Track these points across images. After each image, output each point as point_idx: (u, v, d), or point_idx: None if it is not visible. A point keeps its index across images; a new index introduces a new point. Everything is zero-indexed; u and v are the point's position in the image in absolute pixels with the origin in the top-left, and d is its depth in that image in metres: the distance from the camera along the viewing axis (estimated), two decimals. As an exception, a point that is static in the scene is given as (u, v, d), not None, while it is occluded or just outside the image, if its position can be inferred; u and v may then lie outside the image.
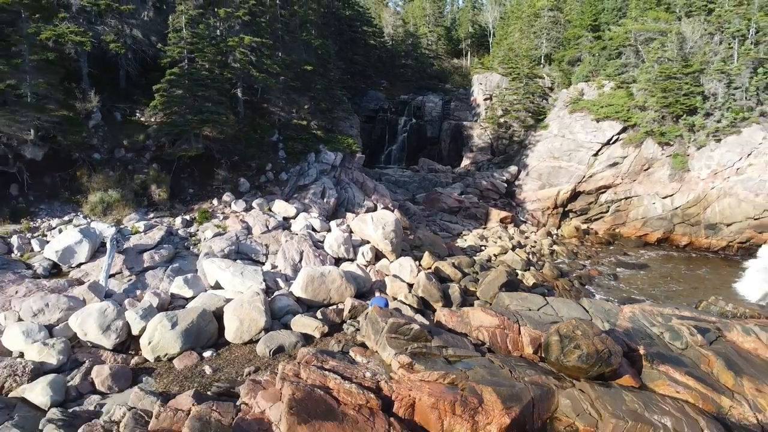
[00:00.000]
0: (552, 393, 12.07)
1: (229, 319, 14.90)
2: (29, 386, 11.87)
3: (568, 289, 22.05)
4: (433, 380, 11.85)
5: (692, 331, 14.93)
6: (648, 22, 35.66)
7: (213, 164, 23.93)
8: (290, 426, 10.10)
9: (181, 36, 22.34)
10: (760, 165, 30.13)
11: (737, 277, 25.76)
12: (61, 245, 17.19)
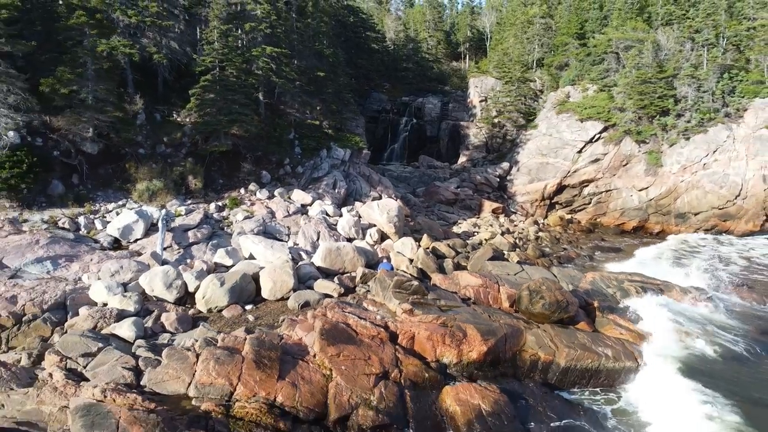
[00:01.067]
0: (521, 331, 15.60)
1: (265, 280, 18.46)
2: (117, 325, 15.40)
3: (548, 267, 25.57)
4: (428, 321, 15.39)
5: (638, 290, 18.46)
6: (627, 32, 39.17)
7: (239, 158, 27.45)
8: (322, 347, 13.65)
9: (213, 48, 25.87)
10: (724, 161, 33.68)
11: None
12: (121, 224, 20.74)
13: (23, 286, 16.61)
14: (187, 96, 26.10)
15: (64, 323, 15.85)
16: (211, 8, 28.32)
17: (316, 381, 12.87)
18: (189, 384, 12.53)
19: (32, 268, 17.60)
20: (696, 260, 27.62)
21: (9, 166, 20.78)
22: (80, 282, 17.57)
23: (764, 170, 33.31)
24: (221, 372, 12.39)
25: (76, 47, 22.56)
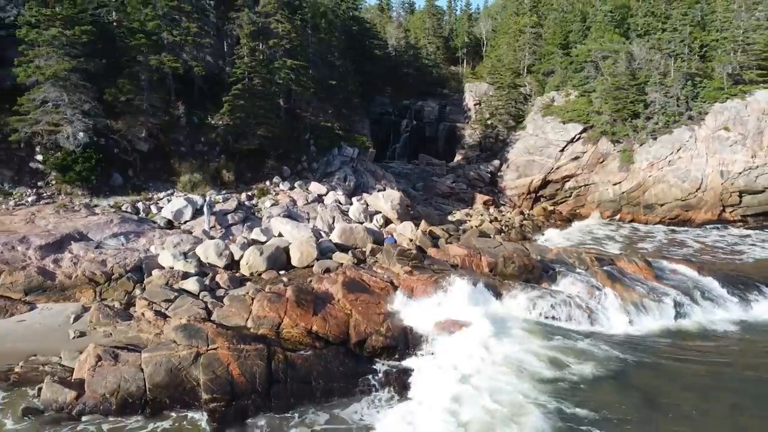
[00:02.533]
0: (495, 287, 20.19)
1: (294, 252, 23.10)
2: (184, 282, 20.03)
3: (523, 242, 30.10)
4: (424, 278, 19.99)
5: (593, 259, 23.09)
6: (605, 43, 43.75)
7: (264, 156, 32.02)
8: (344, 294, 18.27)
9: (243, 62, 30.45)
10: (687, 158, 38.31)
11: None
12: (173, 208, 25.37)
13: (107, 253, 21.25)
14: (218, 102, 30.67)
15: (143, 281, 20.50)
16: (241, 28, 32.91)
17: (340, 317, 17.47)
18: (247, 318, 17.14)
19: (110, 241, 22.22)
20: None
21: (81, 161, 25.40)
22: (149, 252, 22.20)
23: (722, 167, 37.90)
24: (272, 308, 17.01)
25: (132, 63, 27.20)
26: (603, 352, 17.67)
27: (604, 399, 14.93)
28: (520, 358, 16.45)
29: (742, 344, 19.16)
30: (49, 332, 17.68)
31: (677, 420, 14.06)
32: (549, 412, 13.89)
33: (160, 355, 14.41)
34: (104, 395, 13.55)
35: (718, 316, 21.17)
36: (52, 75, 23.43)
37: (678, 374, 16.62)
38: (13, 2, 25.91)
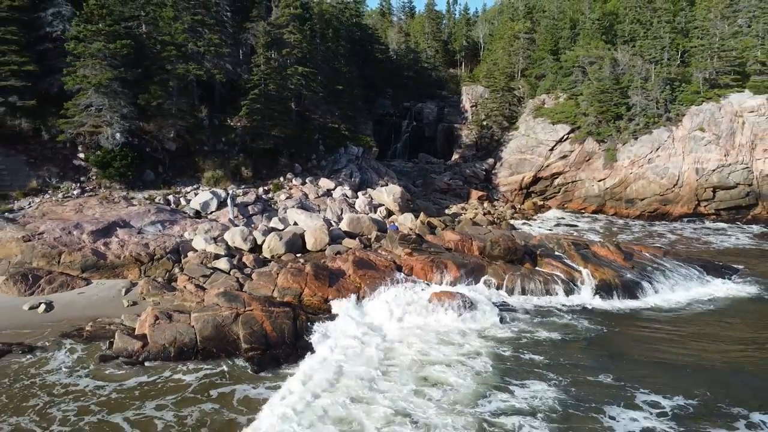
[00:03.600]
0: (483, 266, 23.52)
1: (308, 237, 26.41)
2: (216, 261, 23.35)
3: (509, 230, 33.39)
4: (422, 259, 23.29)
5: (569, 244, 26.39)
6: (591, 50, 47.02)
7: (278, 154, 35.32)
8: (354, 270, 21.57)
9: (260, 69, 33.73)
10: (665, 156, 41.60)
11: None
12: (201, 200, 28.68)
13: (148, 238, 24.58)
14: (236, 105, 33.98)
15: (180, 261, 23.82)
16: (255, 37, 36.22)
17: (351, 288, 20.78)
18: (273, 289, 20.44)
19: (149, 227, 25.53)
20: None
21: (119, 159, 28.69)
22: (183, 237, 25.51)
23: (697, 164, 41.18)
24: (295, 281, 20.33)
25: (161, 71, 30.48)
26: (572, 319, 20.99)
27: (566, 353, 18.23)
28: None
29: (694, 313, 22.44)
30: (105, 302, 21.00)
31: (629, 366, 17.28)
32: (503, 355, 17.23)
33: (207, 314, 17.73)
34: (164, 345, 16.84)
35: (677, 293, 24.44)
36: (97, 83, 26.72)
37: (638, 337, 19.83)
38: (59, 18, 29.21)
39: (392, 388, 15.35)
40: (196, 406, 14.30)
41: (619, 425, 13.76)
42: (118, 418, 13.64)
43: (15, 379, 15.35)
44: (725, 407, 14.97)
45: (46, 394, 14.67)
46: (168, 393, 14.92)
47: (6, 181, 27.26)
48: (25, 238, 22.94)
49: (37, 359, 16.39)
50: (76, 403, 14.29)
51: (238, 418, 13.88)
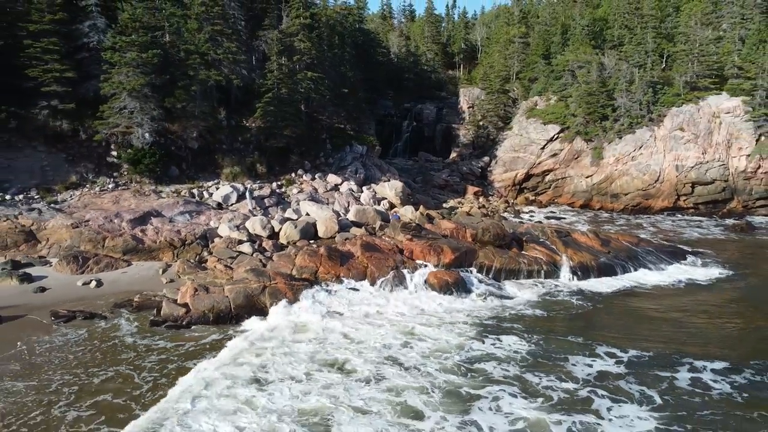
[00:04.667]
0: (475, 250, 26.71)
1: (320, 226, 29.62)
2: (240, 246, 26.56)
3: (499, 220, 36.54)
4: (421, 243, 26.46)
5: (552, 231, 29.59)
6: (580, 55, 50.20)
7: (289, 152, 38.52)
8: (362, 252, 24.78)
9: (273, 74, 36.92)
10: (647, 154, 44.79)
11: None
12: (222, 193, 31.89)
13: (179, 226, 27.79)
14: (251, 107, 37.21)
15: (208, 246, 27.03)
16: (267, 44, 39.42)
17: (360, 268, 23.99)
18: (292, 268, 23.62)
19: (179, 217, 28.74)
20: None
21: (148, 156, 31.90)
22: (209, 225, 28.71)
23: (677, 161, 44.37)
24: (311, 260, 23.54)
25: (184, 77, 33.64)
26: (551, 295, 24.22)
27: (543, 321, 21.43)
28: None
29: (658, 290, 25.63)
30: (145, 280, 24.20)
31: (597, 331, 20.43)
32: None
33: (239, 286, 20.96)
34: (204, 311, 20.04)
35: (646, 274, 27.64)
36: (131, 89, 29.93)
37: (609, 310, 22.95)
38: (95, 30, 32.42)
39: (386, 334, 18.70)
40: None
41: (577, 368, 16.94)
42: (191, 364, 16.76)
43: (101, 339, 18.44)
44: (673, 356, 18.13)
45: (130, 349, 17.73)
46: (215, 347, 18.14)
47: (49, 176, 30.52)
48: (74, 225, 26.16)
49: (110, 325, 19.50)
50: (159, 356, 17.37)
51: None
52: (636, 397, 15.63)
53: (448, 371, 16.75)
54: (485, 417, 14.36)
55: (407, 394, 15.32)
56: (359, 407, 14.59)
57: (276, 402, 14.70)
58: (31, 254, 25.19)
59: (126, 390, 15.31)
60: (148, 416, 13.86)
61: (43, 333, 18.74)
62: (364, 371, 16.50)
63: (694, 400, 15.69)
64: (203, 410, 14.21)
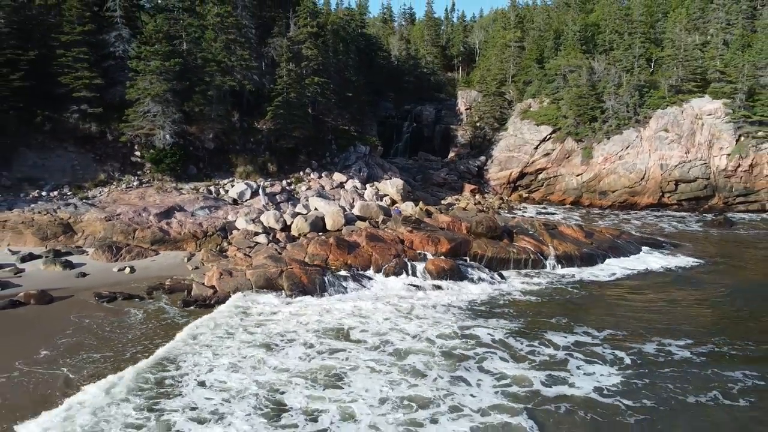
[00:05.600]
0: (469, 241, 29.50)
1: (328, 219, 32.40)
2: (256, 237, 29.35)
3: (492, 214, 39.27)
4: (420, 234, 29.26)
5: (540, 224, 32.37)
6: (571, 59, 52.97)
7: (297, 152, 41.28)
8: (366, 242, 27.58)
9: (282, 80, 39.66)
10: (633, 154, 47.57)
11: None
12: (237, 190, 34.66)
13: (200, 219, 30.58)
14: (261, 110, 39.96)
15: (227, 237, 29.80)
16: (276, 50, 42.17)
17: (365, 256, 26.76)
18: (305, 256, 26.39)
19: (199, 212, 31.51)
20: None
21: (169, 156, 34.66)
22: (227, 219, 31.48)
23: (661, 161, 47.14)
24: (322, 249, 26.32)
25: (201, 83, 36.36)
26: (537, 281, 27.02)
27: (528, 304, 24.20)
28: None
29: (635, 277, 28.40)
30: (173, 267, 26.98)
31: (578, 313, 23.16)
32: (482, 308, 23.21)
33: (259, 270, 23.75)
34: (229, 292, 22.82)
35: (624, 263, 30.41)
36: (155, 94, 32.69)
37: (589, 294, 25.71)
38: (120, 40, 35.19)
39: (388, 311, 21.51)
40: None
41: (555, 340, 19.69)
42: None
43: (155, 316, 21.17)
44: (644, 332, 20.80)
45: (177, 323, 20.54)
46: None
47: (79, 174, 33.31)
48: (106, 218, 28.94)
49: (153, 306, 22.17)
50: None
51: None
52: (608, 360, 18.37)
53: (444, 337, 19.55)
54: (474, 375, 17.13)
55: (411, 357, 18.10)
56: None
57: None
58: (69, 244, 27.97)
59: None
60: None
61: (90, 311, 21.49)
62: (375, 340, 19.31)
63: (658, 361, 18.47)
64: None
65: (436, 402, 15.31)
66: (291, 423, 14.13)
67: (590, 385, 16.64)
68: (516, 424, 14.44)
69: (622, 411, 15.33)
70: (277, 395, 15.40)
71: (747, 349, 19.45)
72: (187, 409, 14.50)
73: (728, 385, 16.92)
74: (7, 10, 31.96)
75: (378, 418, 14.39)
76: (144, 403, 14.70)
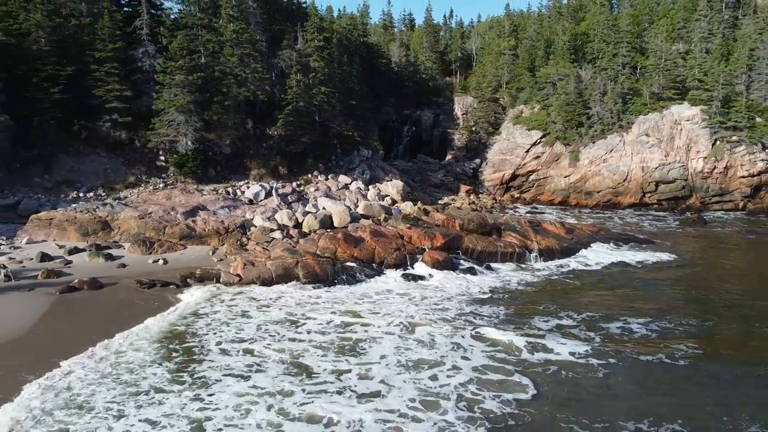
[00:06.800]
0: (462, 236, 33.17)
1: (335, 218, 36.09)
2: (272, 233, 33.00)
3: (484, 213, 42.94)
4: (418, 230, 32.93)
5: (526, 222, 36.02)
6: (560, 68, 56.63)
7: (306, 156, 44.94)
8: (371, 237, 31.29)
9: (292, 90, 43.31)
10: (617, 157, 51.22)
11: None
12: (253, 191, 38.33)
13: (222, 217, 34.24)
14: (272, 117, 43.63)
15: (246, 233, 33.46)
16: (285, 62, 45.86)
17: (369, 249, 30.41)
18: (316, 249, 30.05)
19: (220, 211, 35.16)
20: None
21: (191, 160, 38.34)
22: (245, 217, 35.13)
23: (642, 163, 50.79)
24: (331, 243, 29.97)
25: (219, 94, 40.01)
26: (521, 272, 30.68)
27: (514, 293, 27.84)
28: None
29: (610, 268, 32.03)
30: (200, 259, 30.61)
31: (562, 300, 26.72)
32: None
33: (278, 261, 27.42)
34: (252, 279, 26.47)
35: (601, 257, 34.03)
36: (180, 106, 36.36)
37: (569, 283, 29.31)
38: (147, 56, 38.89)
39: (392, 296, 25.13)
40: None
41: (540, 323, 23.18)
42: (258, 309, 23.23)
43: (221, 300, 24.81)
44: (613, 315, 24.17)
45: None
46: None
47: (111, 176, 37.03)
48: (140, 216, 32.62)
49: (191, 293, 25.78)
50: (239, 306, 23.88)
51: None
52: (581, 337, 21.84)
53: (443, 318, 23.21)
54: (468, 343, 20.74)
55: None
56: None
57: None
58: (107, 239, 31.62)
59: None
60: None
61: (135, 295, 25.09)
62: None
63: (621, 334, 22.07)
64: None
65: (440, 364, 18.77)
66: (321, 380, 17.55)
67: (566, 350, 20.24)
68: (513, 380, 17.92)
69: (594, 368, 18.91)
70: (301, 360, 18.96)
71: (690, 325, 23.14)
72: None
73: (672, 350, 20.56)
74: (47, 31, 35.64)
75: (394, 377, 17.81)
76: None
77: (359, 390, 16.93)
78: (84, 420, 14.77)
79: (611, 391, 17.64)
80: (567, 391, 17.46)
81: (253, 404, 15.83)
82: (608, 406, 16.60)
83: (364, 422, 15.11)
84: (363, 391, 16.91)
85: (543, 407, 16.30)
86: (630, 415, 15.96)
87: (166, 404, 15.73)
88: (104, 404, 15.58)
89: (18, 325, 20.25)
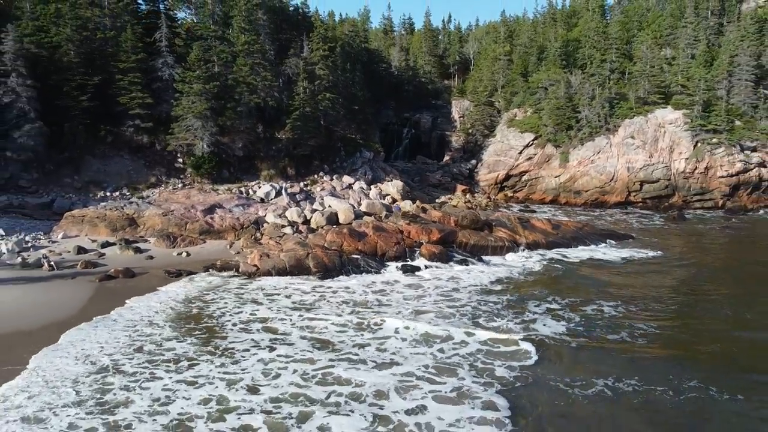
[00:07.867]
0: (456, 232, 36.43)
1: (340, 215, 39.30)
2: (283, 229, 36.21)
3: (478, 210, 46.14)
4: (416, 226, 36.19)
5: (515, 218, 39.25)
6: (551, 74, 59.83)
7: (312, 158, 48.12)
8: (373, 232, 34.54)
9: (300, 96, 46.51)
10: (604, 158, 54.42)
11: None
12: (264, 191, 41.53)
13: (237, 214, 37.46)
14: (281, 122, 46.83)
15: (259, 229, 36.67)
16: (292, 69, 49.05)
17: (372, 243, 33.62)
18: (324, 243, 33.26)
19: (235, 209, 38.37)
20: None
21: (207, 162, 41.53)
22: (258, 214, 38.34)
23: (628, 164, 53.98)
24: (338, 237, 33.19)
25: (232, 100, 43.17)
26: (510, 264, 33.89)
27: (507, 283, 31.05)
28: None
29: (592, 261, 35.22)
30: (219, 252, 33.83)
31: (549, 288, 29.92)
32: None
33: (291, 253, 30.63)
34: (268, 269, 29.67)
35: (583, 251, 37.22)
36: (197, 112, 39.56)
37: (554, 274, 32.49)
38: (166, 66, 42.08)
39: (397, 286, 28.34)
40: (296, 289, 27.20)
41: (531, 308, 26.29)
42: (261, 298, 26.44)
43: (225, 288, 27.99)
44: (591, 300, 27.34)
45: (236, 293, 27.45)
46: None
47: (133, 177, 40.25)
48: (163, 213, 35.84)
49: (219, 279, 28.99)
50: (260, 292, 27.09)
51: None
52: (564, 318, 25.03)
53: (437, 303, 26.46)
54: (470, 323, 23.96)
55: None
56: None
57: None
58: (134, 235, 34.83)
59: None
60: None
61: (165, 282, 28.31)
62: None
63: (596, 320, 25.09)
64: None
65: (450, 338, 21.94)
66: (344, 352, 20.62)
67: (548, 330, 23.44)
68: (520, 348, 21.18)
69: (576, 342, 22.13)
70: (321, 336, 22.09)
71: (654, 308, 26.34)
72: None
73: (634, 329, 23.73)
74: (76, 44, 38.86)
75: (407, 348, 20.99)
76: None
77: (378, 360, 19.94)
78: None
79: (590, 359, 20.88)
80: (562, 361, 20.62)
81: (282, 369, 18.93)
82: (590, 368, 19.87)
83: (387, 384, 17.92)
84: (383, 360, 19.91)
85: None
86: (599, 375, 19.21)
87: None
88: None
89: (72, 305, 23.51)
